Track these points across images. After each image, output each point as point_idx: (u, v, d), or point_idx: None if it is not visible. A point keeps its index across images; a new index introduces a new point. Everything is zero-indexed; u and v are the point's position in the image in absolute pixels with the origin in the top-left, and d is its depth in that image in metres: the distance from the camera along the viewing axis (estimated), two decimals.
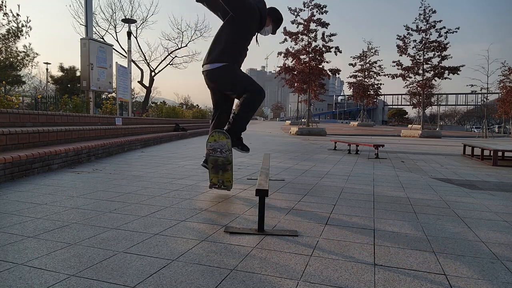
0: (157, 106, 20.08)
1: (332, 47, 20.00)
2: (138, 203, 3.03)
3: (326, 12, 19.87)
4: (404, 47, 22.42)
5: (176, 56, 26.46)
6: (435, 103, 46.45)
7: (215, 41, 3.05)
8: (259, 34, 3.29)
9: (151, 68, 25.88)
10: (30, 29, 13.94)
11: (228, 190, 3.37)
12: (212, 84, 3.14)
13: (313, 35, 20.15)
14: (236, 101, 3.26)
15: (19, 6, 16.02)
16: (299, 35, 20.22)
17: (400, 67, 22.67)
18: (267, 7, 3.23)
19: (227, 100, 3.29)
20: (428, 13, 21.63)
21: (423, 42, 21.87)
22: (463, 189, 4.17)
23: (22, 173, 4.11)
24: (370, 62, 36.79)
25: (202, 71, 3.13)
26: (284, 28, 20.21)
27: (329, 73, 21.12)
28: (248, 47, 3.19)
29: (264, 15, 3.11)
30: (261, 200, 2.32)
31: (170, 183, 3.99)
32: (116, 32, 23.82)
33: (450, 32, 21.27)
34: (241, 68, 3.19)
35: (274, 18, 3.25)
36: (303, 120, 24.58)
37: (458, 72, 21.21)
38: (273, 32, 3.33)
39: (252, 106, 3.05)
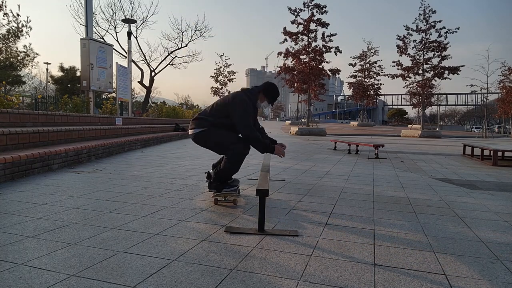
0: (157, 106, 20.08)
1: (332, 47, 19.98)
2: (138, 203, 3.03)
3: (326, 12, 19.86)
4: (404, 47, 22.41)
5: (176, 56, 26.39)
6: (435, 103, 46.42)
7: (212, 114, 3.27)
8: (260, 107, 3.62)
9: (151, 68, 25.84)
10: (30, 29, 13.90)
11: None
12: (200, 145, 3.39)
13: (313, 35, 20.13)
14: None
15: (19, 6, 16.01)
16: (299, 35, 20.20)
17: (400, 67, 22.66)
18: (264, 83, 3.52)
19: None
20: (428, 13, 21.62)
21: (423, 42, 21.86)
22: (463, 189, 4.17)
23: (22, 173, 4.11)
24: (370, 62, 36.79)
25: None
26: (284, 28, 20.21)
27: (329, 73, 21.11)
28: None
29: (254, 100, 3.38)
30: (261, 200, 2.33)
31: (170, 183, 3.99)
32: (116, 32, 23.76)
33: (450, 32, 21.27)
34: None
35: (266, 94, 3.46)
36: (303, 120, 24.57)
37: (458, 72, 21.20)
38: (271, 104, 3.58)
39: (233, 164, 3.20)
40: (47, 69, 31.59)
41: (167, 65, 26.20)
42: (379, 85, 37.03)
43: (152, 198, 3.23)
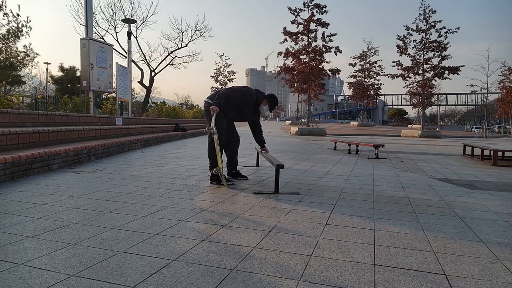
0: (157, 106, 20.07)
1: (332, 47, 19.97)
2: (138, 203, 3.03)
3: (326, 12, 19.85)
4: (404, 47, 22.39)
5: (176, 56, 26.38)
6: (435, 103, 46.38)
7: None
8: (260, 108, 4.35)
9: (151, 68, 25.83)
10: (30, 29, 13.91)
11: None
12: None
13: (313, 35, 20.12)
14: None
15: (19, 6, 16.02)
16: (299, 35, 20.19)
17: (400, 67, 22.64)
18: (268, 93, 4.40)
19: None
20: (428, 13, 21.62)
21: (423, 42, 21.85)
22: (463, 189, 4.17)
23: (22, 173, 4.11)
24: (370, 62, 36.80)
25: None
26: (284, 28, 20.20)
27: (329, 73, 21.10)
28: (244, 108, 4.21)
29: (260, 98, 4.22)
30: (277, 172, 3.52)
31: (170, 183, 3.99)
32: (116, 32, 23.76)
33: (450, 32, 21.25)
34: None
35: (269, 100, 4.26)
36: (303, 120, 24.55)
37: (458, 72, 21.19)
38: (270, 110, 4.38)
39: None
40: (47, 69, 31.54)
41: (167, 65, 26.20)
42: (379, 85, 37.05)
43: (152, 198, 3.23)
